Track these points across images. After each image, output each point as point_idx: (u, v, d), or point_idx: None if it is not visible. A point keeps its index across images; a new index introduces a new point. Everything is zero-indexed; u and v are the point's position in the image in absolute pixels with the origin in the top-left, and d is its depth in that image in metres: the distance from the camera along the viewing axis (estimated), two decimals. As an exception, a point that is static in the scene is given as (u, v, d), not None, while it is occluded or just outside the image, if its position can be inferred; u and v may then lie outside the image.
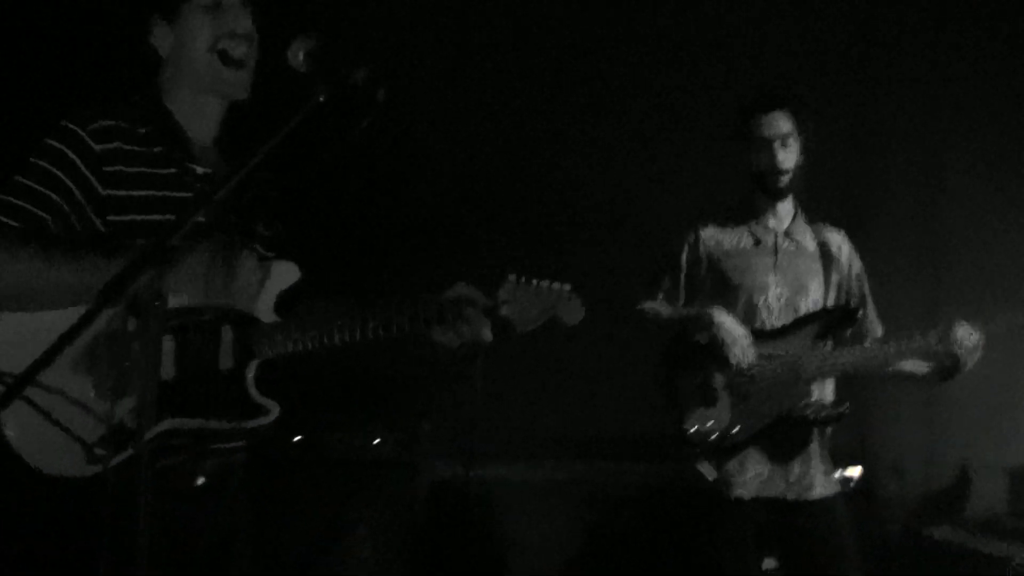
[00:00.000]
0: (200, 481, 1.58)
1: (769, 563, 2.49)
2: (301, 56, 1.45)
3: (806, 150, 2.44)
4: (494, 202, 3.50)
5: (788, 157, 2.40)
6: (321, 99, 1.39)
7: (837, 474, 2.47)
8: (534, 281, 1.72)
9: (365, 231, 3.40)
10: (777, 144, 2.39)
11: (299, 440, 3.01)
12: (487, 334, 1.69)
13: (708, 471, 2.32)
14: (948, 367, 2.34)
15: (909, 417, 3.46)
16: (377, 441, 3.09)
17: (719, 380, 2.34)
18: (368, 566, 2.89)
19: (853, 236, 2.56)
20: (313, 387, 2.65)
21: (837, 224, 2.56)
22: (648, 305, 2.47)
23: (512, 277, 1.73)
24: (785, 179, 2.42)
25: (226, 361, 1.57)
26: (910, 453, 3.45)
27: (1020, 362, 3.30)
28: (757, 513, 2.32)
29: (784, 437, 2.33)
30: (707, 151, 2.99)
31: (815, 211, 2.57)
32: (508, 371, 3.29)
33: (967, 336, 2.27)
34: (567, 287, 1.75)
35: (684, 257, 2.49)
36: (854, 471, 2.97)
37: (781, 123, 2.40)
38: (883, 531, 3.11)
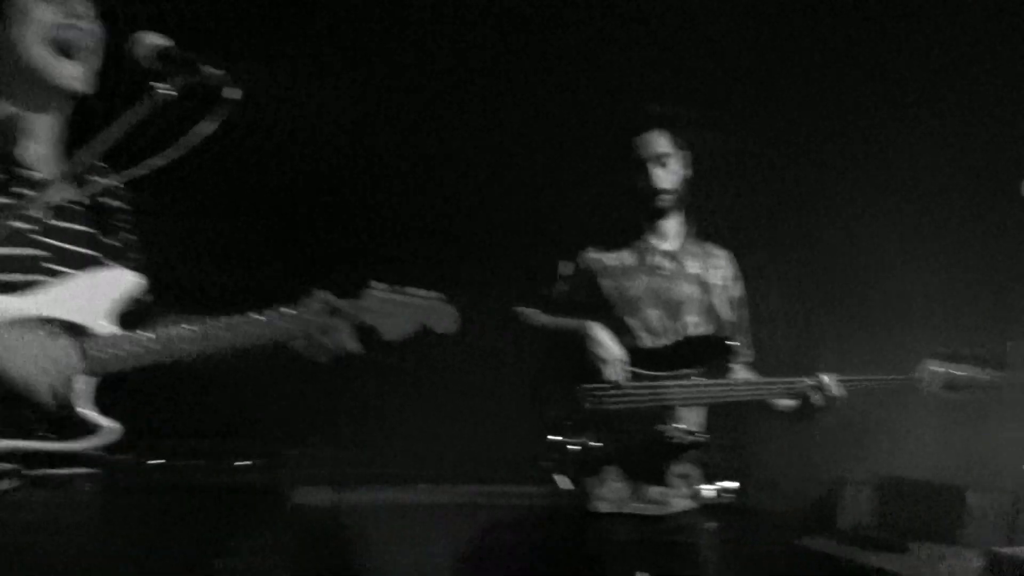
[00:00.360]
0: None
1: None
2: (146, 52, 1.38)
3: (693, 166, 2.46)
4: (362, 208, 3.47)
5: (667, 177, 2.41)
6: (169, 96, 1.33)
7: (711, 490, 2.50)
8: (401, 289, 1.68)
9: (223, 239, 3.31)
10: (653, 165, 2.40)
11: (158, 465, 2.90)
12: (352, 344, 1.63)
13: (563, 482, 2.30)
14: (809, 413, 2.36)
15: (783, 436, 3.52)
16: (243, 465, 3.01)
17: (587, 395, 2.32)
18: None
19: (739, 257, 2.59)
20: (174, 410, 2.60)
21: (725, 244, 2.59)
22: (527, 311, 2.46)
23: (377, 285, 1.68)
24: (666, 199, 2.43)
25: None
26: (784, 470, 3.55)
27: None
28: (618, 528, 2.33)
29: (646, 455, 2.34)
30: (594, 166, 3.01)
31: (705, 229, 2.59)
32: (379, 394, 3.27)
33: (834, 391, 2.31)
34: (437, 295, 1.72)
35: (564, 268, 2.49)
36: (730, 486, 3.06)
37: (657, 143, 2.42)
38: (760, 544, 3.17)
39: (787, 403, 2.39)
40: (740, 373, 2.47)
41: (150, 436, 2.90)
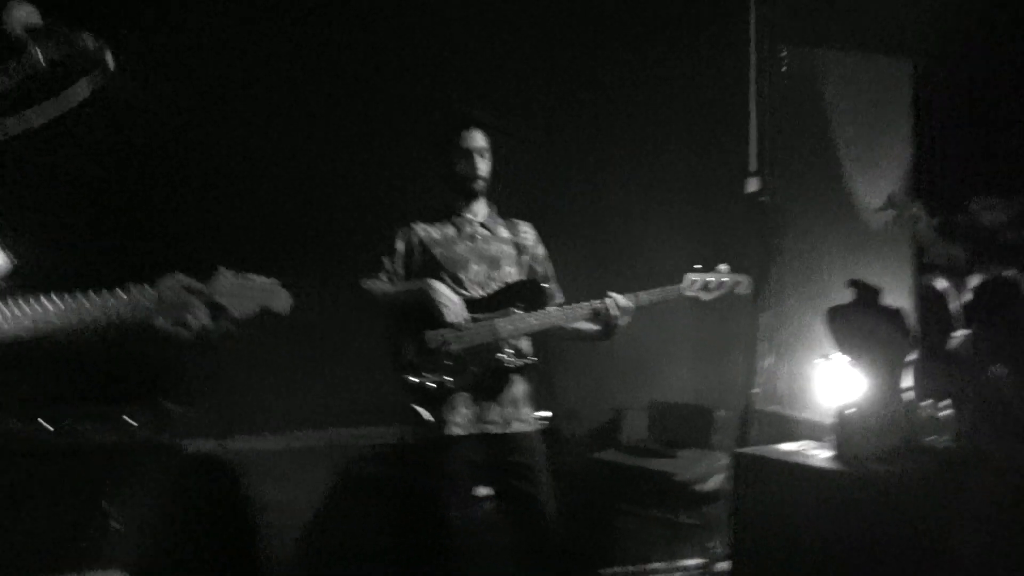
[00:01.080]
0: None
1: (482, 491, 2.94)
2: (17, 22, 1.39)
3: (495, 160, 2.94)
4: (207, 194, 3.57)
5: (484, 166, 2.91)
6: (41, 63, 1.35)
7: (534, 415, 2.94)
8: (243, 274, 1.81)
9: (78, 220, 3.32)
10: (475, 155, 2.89)
11: (46, 430, 3.03)
12: (208, 321, 1.73)
13: (425, 413, 2.74)
14: (609, 327, 2.84)
15: (579, 372, 4.12)
16: (128, 424, 3.18)
17: (435, 338, 2.73)
18: (126, 552, 3.00)
19: (538, 227, 3.07)
20: (59, 376, 2.70)
21: (526, 219, 3.07)
22: (373, 284, 2.86)
23: (224, 271, 1.79)
24: (482, 184, 2.92)
25: None
26: (581, 399, 4.13)
27: (654, 326, 4.25)
28: (470, 446, 2.75)
29: (490, 383, 2.78)
30: (416, 156, 3.28)
31: (508, 208, 3.04)
32: (254, 351, 3.44)
33: (622, 303, 2.83)
34: (274, 281, 1.85)
35: (399, 244, 2.90)
36: (545, 414, 3.65)
37: (479, 139, 2.91)
38: (567, 459, 3.72)
39: (591, 326, 2.86)
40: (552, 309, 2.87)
41: (39, 402, 3.01)
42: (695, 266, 2.99)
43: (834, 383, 3.36)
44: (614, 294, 2.85)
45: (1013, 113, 3.23)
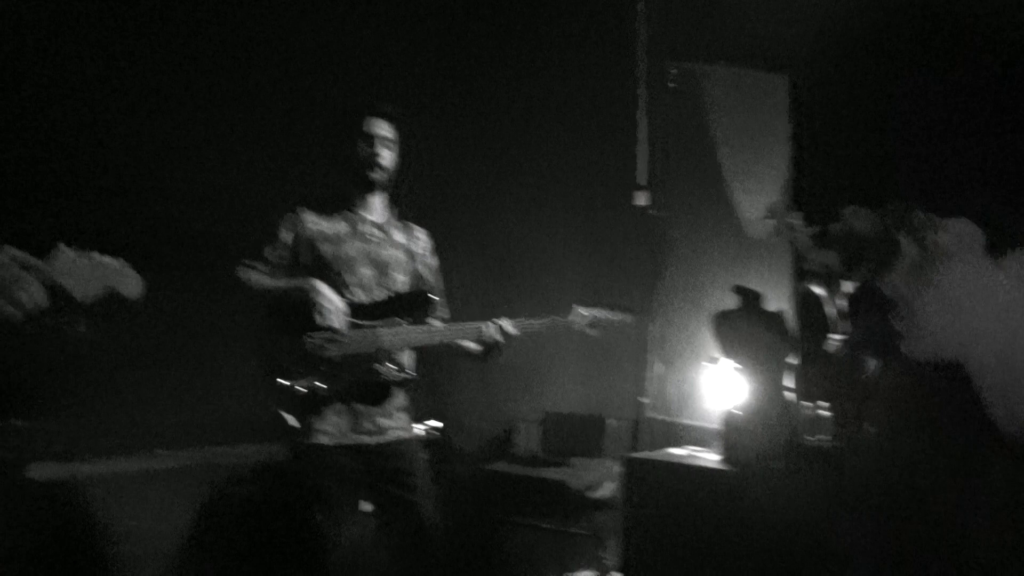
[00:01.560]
0: None
1: (366, 506, 2.86)
2: None
3: (400, 157, 2.81)
4: (58, 169, 3.36)
5: (387, 156, 2.76)
6: None
7: (420, 427, 2.95)
8: (88, 253, 1.71)
9: None
10: (378, 142, 2.74)
11: None
12: (43, 300, 1.63)
13: (290, 419, 2.60)
14: (492, 350, 2.81)
15: (469, 384, 4.16)
16: None
17: (311, 343, 2.59)
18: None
19: (435, 236, 2.98)
20: None
21: (422, 225, 2.97)
22: (252, 275, 2.69)
23: (65, 248, 1.69)
24: (382, 175, 2.76)
25: None
26: (471, 411, 4.15)
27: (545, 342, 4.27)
28: (340, 457, 2.61)
29: (365, 393, 2.65)
30: (308, 143, 3.25)
31: (406, 213, 2.94)
32: (115, 364, 3.25)
33: (508, 330, 2.80)
34: (122, 261, 1.77)
35: (285, 234, 2.72)
36: (436, 424, 3.61)
37: (386, 128, 2.77)
38: (456, 471, 3.76)
39: (475, 347, 2.80)
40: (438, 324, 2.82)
41: None
42: (583, 300, 2.99)
43: (720, 387, 3.44)
44: (502, 320, 2.79)
45: (883, 125, 3.41)
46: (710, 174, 3.85)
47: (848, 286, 3.43)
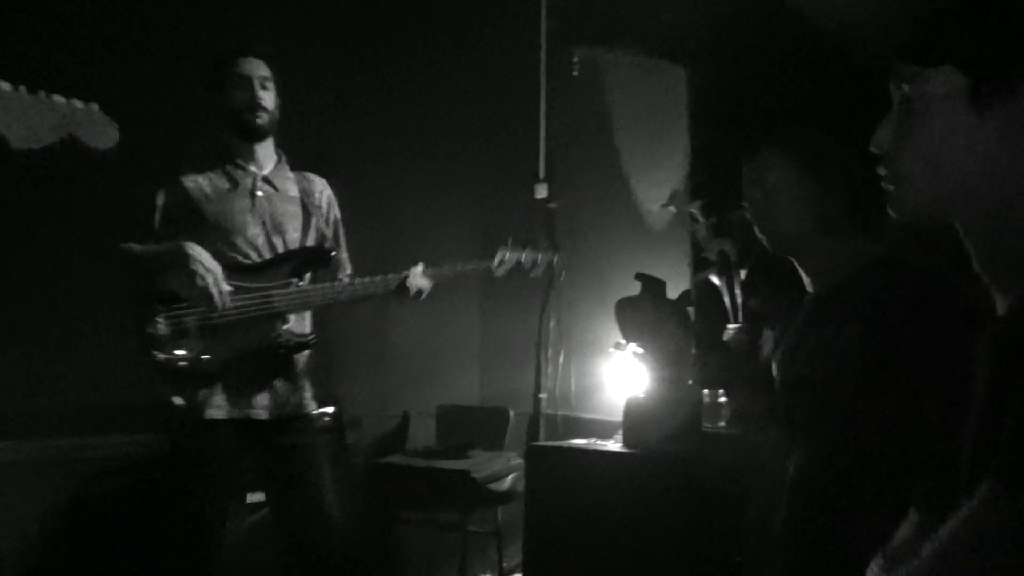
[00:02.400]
0: None
1: (254, 497, 2.65)
2: None
3: (281, 98, 2.54)
4: None
5: (267, 97, 2.48)
6: None
7: (317, 408, 2.60)
8: (42, 93, 1.42)
9: None
10: (256, 82, 2.46)
11: None
12: None
13: (176, 399, 2.35)
14: (410, 292, 2.54)
15: (363, 377, 4.03)
16: None
17: (185, 311, 2.34)
18: None
19: (334, 186, 2.71)
20: None
21: (321, 173, 2.68)
22: (128, 244, 2.42)
23: (3, 85, 1.39)
24: (265, 117, 2.49)
25: None
26: (365, 405, 3.96)
27: (442, 329, 4.21)
28: (231, 434, 2.37)
29: (258, 364, 2.40)
30: (181, 99, 2.97)
31: (300, 160, 2.66)
32: None
33: (423, 273, 2.57)
34: (95, 106, 1.50)
35: (161, 199, 2.45)
36: (327, 410, 3.41)
37: (260, 66, 2.49)
38: (350, 464, 3.58)
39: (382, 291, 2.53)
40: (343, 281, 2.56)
41: None
42: (506, 240, 2.82)
43: (623, 378, 3.44)
44: (416, 267, 2.55)
45: (780, 117, 3.50)
46: (611, 164, 3.87)
47: (744, 276, 3.51)
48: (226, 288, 2.36)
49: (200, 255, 2.34)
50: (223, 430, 2.38)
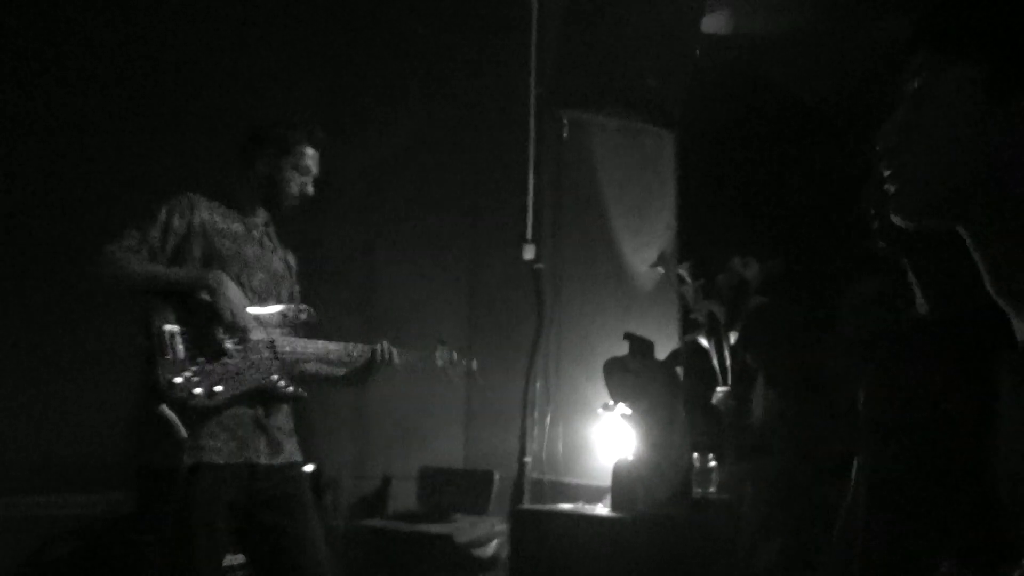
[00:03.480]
0: None
1: (236, 559, 2.57)
2: None
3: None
4: None
5: (312, 187, 2.53)
6: None
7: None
8: None
9: None
10: (310, 178, 2.51)
11: None
12: None
13: (177, 422, 2.17)
14: (373, 372, 2.57)
15: (342, 437, 3.95)
16: None
17: (211, 338, 2.29)
18: None
19: (313, 265, 2.72)
20: None
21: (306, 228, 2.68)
22: (132, 259, 2.29)
23: None
24: (300, 204, 2.52)
25: None
26: (344, 467, 3.88)
27: (426, 389, 4.13)
28: (228, 479, 2.27)
29: (262, 405, 2.35)
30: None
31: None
32: None
33: (396, 359, 2.60)
34: None
35: (166, 215, 2.36)
36: (308, 467, 3.32)
37: (318, 163, 2.53)
38: (328, 526, 3.51)
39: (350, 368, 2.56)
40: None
41: None
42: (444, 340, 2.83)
43: (610, 441, 3.38)
44: (386, 343, 2.60)
45: (763, 183, 3.54)
46: (598, 225, 3.87)
47: (732, 338, 3.50)
48: (251, 325, 2.33)
49: (231, 288, 2.32)
50: (219, 475, 2.25)
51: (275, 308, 2.47)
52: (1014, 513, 0.86)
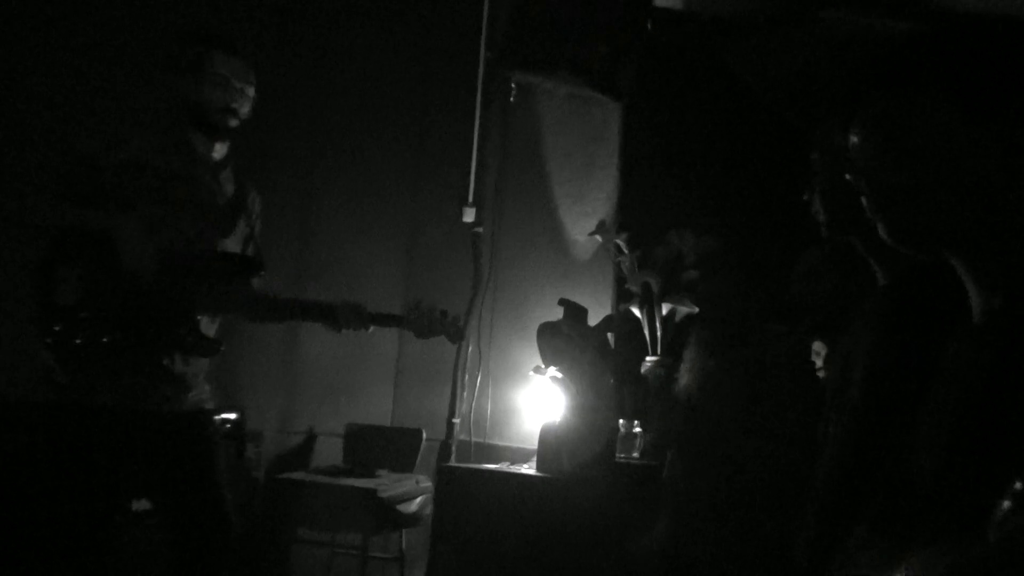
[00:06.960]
0: None
1: (141, 505, 2.52)
2: None
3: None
4: None
5: (244, 103, 2.32)
6: None
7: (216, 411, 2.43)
8: None
9: None
10: (235, 84, 2.29)
11: None
12: None
13: (61, 375, 2.10)
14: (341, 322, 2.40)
15: (268, 390, 3.91)
16: None
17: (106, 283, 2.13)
18: None
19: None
20: None
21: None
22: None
23: None
24: (235, 122, 2.32)
25: None
26: (269, 420, 3.86)
27: (357, 346, 4.08)
28: (127, 423, 2.18)
29: (165, 351, 2.23)
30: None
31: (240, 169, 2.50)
32: None
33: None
34: None
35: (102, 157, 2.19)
36: (230, 416, 3.26)
37: (244, 69, 2.32)
38: (248, 477, 3.45)
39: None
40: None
41: None
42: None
43: (540, 404, 3.40)
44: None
45: (706, 160, 3.58)
46: (540, 191, 3.88)
47: (664, 309, 3.54)
48: (155, 270, 2.17)
49: (137, 231, 2.17)
50: (117, 419, 2.16)
51: (205, 253, 2.30)
52: (928, 482, 0.88)
